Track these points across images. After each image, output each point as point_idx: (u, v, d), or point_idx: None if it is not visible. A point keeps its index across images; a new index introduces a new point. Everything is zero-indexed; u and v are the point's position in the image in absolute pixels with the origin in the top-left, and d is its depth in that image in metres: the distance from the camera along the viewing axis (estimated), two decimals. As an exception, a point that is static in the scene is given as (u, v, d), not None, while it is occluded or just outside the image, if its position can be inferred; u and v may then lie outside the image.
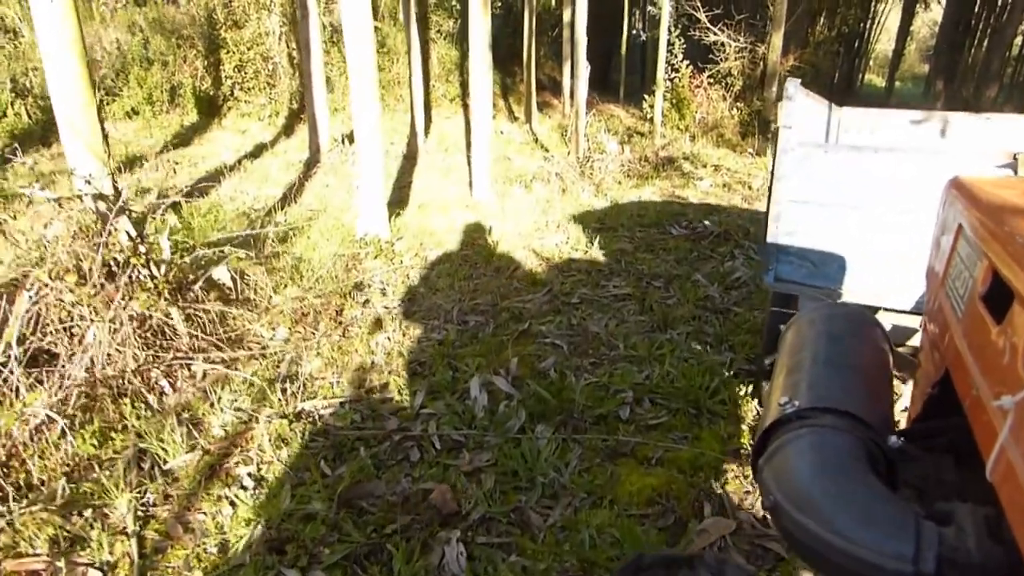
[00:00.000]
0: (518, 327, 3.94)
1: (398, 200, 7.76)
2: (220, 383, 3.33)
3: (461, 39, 14.46)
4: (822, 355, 1.39)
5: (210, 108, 10.72)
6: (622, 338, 3.80)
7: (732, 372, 3.35)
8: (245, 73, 11.14)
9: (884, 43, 34.02)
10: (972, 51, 20.73)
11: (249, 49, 11.27)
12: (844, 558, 0.97)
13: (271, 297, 4.44)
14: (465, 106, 14.68)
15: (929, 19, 36.04)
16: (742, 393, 3.17)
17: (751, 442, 2.25)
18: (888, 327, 2.15)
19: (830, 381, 1.29)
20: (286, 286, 4.69)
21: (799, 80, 2.72)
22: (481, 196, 7.38)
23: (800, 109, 2.72)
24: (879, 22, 23.56)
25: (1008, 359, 0.90)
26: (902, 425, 1.81)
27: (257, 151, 9.30)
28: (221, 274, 4.21)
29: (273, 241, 5.93)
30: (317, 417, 3.01)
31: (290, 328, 4.12)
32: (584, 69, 8.51)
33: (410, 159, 9.60)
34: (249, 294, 4.38)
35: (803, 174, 2.64)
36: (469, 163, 9.63)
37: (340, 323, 4.13)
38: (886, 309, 2.61)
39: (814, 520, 1.01)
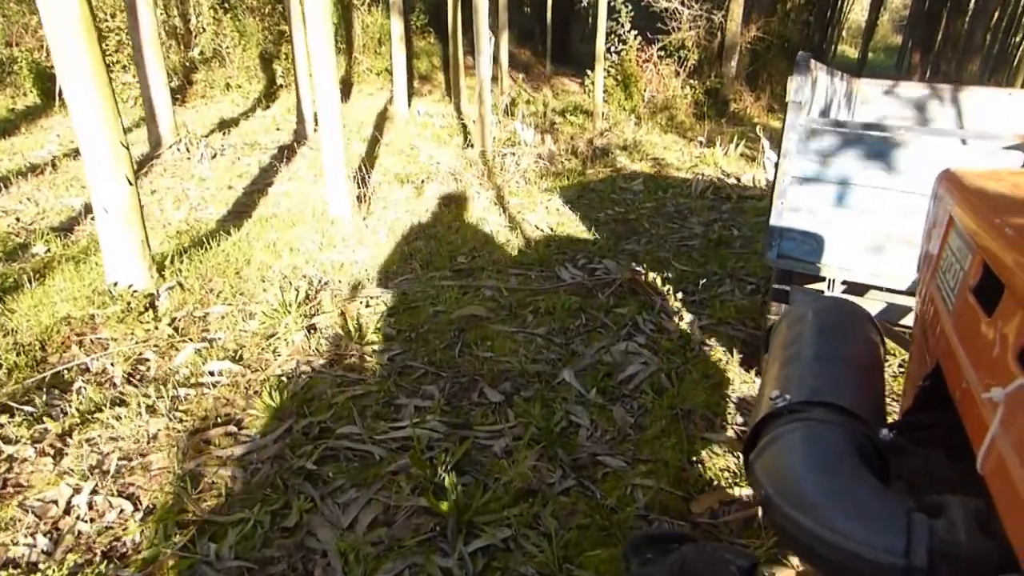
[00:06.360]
0: None
1: (241, 209, 5.69)
2: None
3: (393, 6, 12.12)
4: (813, 349, 1.27)
5: (56, 88, 8.43)
6: None
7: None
8: (107, 46, 8.82)
9: (857, 12, 31.66)
10: (947, 22, 18.51)
11: (112, 17, 8.93)
12: (835, 552, 0.89)
13: None
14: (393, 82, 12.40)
15: (903, -12, 33.60)
16: None
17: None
18: (884, 306, 2.22)
19: (821, 374, 1.19)
20: None
21: (810, 54, 2.49)
22: (337, 211, 5.32)
23: (811, 84, 2.54)
24: (853, -11, 21.14)
25: (998, 351, 0.85)
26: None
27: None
28: None
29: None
30: None
31: None
32: (487, 43, 6.36)
33: (286, 151, 7.45)
34: None
35: (808, 152, 2.42)
36: (367, 155, 7.57)
37: None
38: (884, 289, 2.45)
39: (805, 514, 0.93)
